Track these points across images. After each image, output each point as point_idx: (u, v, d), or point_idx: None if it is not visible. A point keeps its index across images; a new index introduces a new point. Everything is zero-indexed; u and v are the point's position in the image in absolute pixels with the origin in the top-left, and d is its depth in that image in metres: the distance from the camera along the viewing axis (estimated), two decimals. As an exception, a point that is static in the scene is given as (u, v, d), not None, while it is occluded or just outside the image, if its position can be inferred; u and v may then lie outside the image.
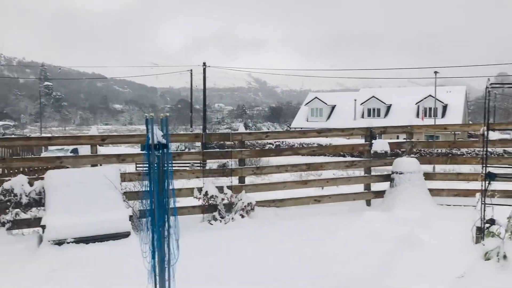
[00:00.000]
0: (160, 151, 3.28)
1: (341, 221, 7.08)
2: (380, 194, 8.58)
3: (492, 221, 4.68)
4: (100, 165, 7.63)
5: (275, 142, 37.32)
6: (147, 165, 3.34)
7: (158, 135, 3.29)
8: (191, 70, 39.27)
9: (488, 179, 4.85)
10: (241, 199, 7.58)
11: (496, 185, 5.36)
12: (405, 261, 5.17)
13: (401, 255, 5.34)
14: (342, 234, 6.32)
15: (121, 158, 7.49)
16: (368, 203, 8.64)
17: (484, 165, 4.97)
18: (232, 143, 8.28)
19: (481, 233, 4.94)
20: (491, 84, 5.04)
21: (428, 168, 19.65)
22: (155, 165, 3.28)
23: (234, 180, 7.95)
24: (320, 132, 8.77)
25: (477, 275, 4.05)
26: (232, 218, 7.38)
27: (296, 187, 8.47)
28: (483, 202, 4.91)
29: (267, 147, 36.89)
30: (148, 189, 3.28)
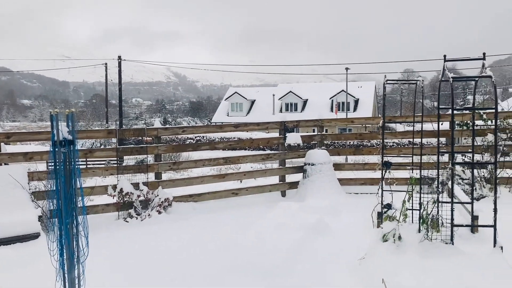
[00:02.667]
0: (66, 148, 3.21)
1: (257, 212, 7.32)
2: (294, 185, 8.96)
3: (389, 206, 5.13)
4: (6, 164, 7.17)
5: (195, 137, 37.14)
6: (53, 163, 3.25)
7: (63, 131, 3.21)
8: (106, 64, 37.70)
9: (385, 167, 5.30)
10: (157, 195, 7.52)
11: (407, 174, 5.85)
12: (315, 247, 5.49)
13: (311, 242, 5.65)
14: (258, 225, 6.51)
15: (28, 157, 7.09)
16: (283, 194, 8.98)
17: (382, 155, 5.42)
18: (150, 138, 8.18)
19: (380, 217, 5.39)
20: (387, 80, 5.50)
21: (341, 159, 20.69)
22: (61, 162, 3.20)
23: (152, 176, 7.88)
24: (237, 126, 8.93)
25: (376, 256, 4.44)
26: (149, 215, 7.31)
27: (214, 181, 8.57)
28: (382, 189, 5.36)
29: (188, 142, 36.60)
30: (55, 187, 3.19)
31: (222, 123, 51.69)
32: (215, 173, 12.11)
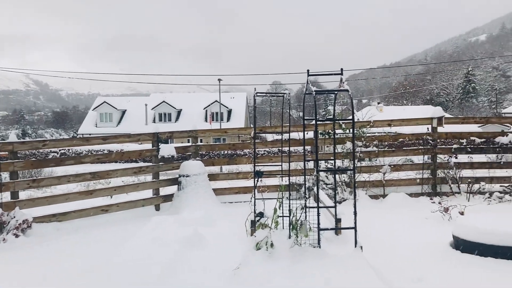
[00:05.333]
0: None
1: (130, 229, 7.00)
2: (169, 197, 8.77)
3: (261, 214, 5.29)
4: None
5: (59, 150, 34.37)
6: None
7: None
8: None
9: (257, 176, 5.46)
10: (14, 217, 6.75)
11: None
12: (190, 260, 5.40)
13: (187, 255, 5.55)
14: (131, 241, 6.21)
15: None
16: (157, 208, 8.73)
17: (254, 164, 5.58)
18: (5, 153, 7.32)
19: (253, 226, 5.52)
20: (257, 93, 5.71)
21: (215, 169, 20.87)
22: None
23: (8, 196, 7.05)
24: (106, 139, 8.46)
25: (250, 265, 4.51)
26: (4, 239, 6.52)
27: (81, 198, 7.98)
28: (254, 198, 5.50)
29: (51, 156, 33.67)
30: None
31: (90, 134, 48.77)
32: (82, 189, 11.30)
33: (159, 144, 8.66)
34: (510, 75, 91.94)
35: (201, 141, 35.66)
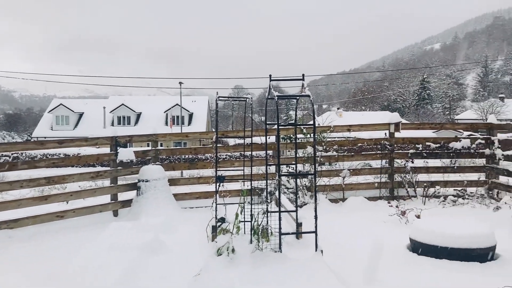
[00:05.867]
0: None
1: (87, 235, 6.79)
2: (127, 203, 8.56)
3: (222, 220, 5.25)
4: None
5: (12, 154, 33.01)
6: None
7: None
8: None
9: (218, 181, 5.41)
10: (-39, 225, 6.39)
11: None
12: (150, 266, 5.29)
13: (146, 261, 5.44)
14: (88, 248, 6.02)
15: None
16: (116, 214, 8.50)
17: (215, 169, 5.53)
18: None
19: (215, 231, 5.47)
20: (219, 97, 5.67)
21: (176, 173, 20.62)
22: None
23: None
24: (62, 143, 8.17)
25: (211, 271, 4.46)
26: (-51, 249, 6.15)
27: (35, 204, 7.65)
28: (216, 203, 5.45)
29: (2, 161, 32.27)
30: None
31: (45, 137, 47.09)
32: (36, 194, 10.85)
33: (118, 148, 8.45)
34: (462, 83, 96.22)
35: (161, 145, 35.15)
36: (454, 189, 9.38)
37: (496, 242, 5.33)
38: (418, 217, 7.21)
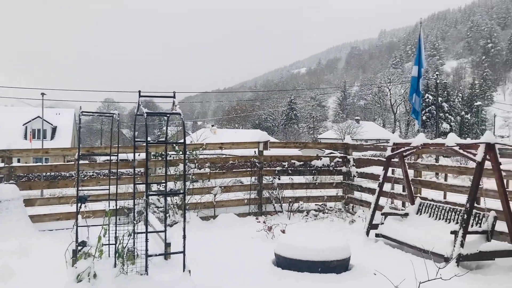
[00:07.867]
0: None
1: None
2: (-28, 227, 7.52)
3: (83, 243, 4.90)
4: None
5: None
6: None
7: None
8: None
9: (80, 202, 5.06)
10: None
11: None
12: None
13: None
14: None
15: None
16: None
17: (77, 188, 5.17)
18: None
19: (75, 255, 5.08)
20: (82, 112, 5.34)
21: (34, 193, 18.82)
22: None
23: None
24: None
25: (70, 299, 4.12)
26: None
27: None
28: (76, 225, 5.08)
29: None
30: None
31: None
32: None
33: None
34: (325, 105, 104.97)
35: (18, 161, 31.83)
36: (316, 204, 10.08)
37: (351, 253, 5.84)
38: (283, 232, 7.57)
